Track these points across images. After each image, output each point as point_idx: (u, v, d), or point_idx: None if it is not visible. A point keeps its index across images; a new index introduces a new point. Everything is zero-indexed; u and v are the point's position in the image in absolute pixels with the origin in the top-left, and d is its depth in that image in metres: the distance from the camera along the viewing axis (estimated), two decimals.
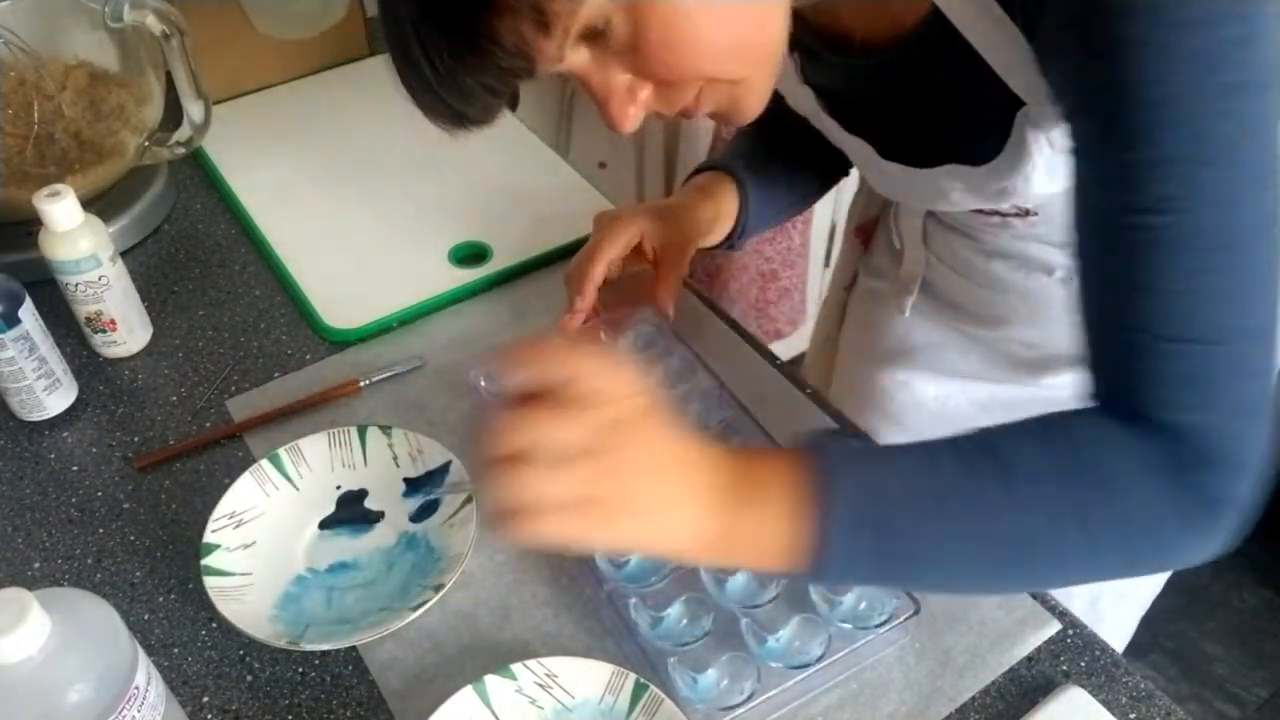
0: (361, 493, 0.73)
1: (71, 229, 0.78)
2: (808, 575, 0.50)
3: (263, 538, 0.69)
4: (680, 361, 0.79)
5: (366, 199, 1.01)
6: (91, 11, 0.86)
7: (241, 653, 0.66)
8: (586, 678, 0.61)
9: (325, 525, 0.72)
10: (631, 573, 0.66)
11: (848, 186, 0.97)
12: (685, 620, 0.64)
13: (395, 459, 0.74)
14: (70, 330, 0.86)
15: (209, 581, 0.65)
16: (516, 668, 0.61)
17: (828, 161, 0.82)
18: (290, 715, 0.63)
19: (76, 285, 0.80)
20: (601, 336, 0.80)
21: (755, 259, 1.69)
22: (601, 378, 0.46)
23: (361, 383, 0.82)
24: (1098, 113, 0.49)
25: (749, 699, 0.59)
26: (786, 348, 1.72)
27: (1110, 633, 0.88)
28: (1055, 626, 0.66)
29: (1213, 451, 0.49)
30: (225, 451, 0.78)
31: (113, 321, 0.83)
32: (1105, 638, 0.66)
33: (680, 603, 0.64)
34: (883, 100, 0.68)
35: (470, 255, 0.94)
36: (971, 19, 0.57)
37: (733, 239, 0.85)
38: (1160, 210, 0.47)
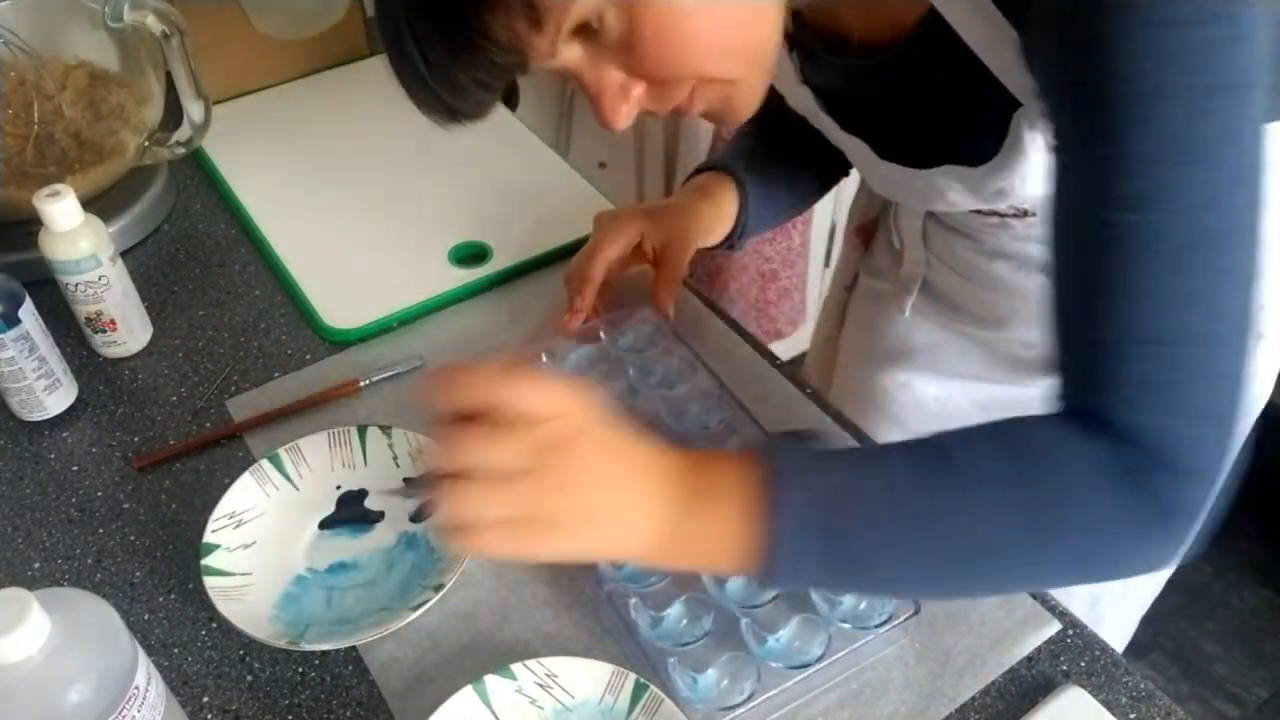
0: (361, 493, 0.73)
1: (71, 229, 0.78)
2: (758, 578, 0.51)
3: (263, 538, 0.69)
4: (680, 361, 0.79)
5: (366, 199, 1.01)
6: (91, 11, 0.86)
7: (241, 653, 0.66)
8: (586, 678, 0.61)
9: (325, 525, 0.72)
10: (631, 573, 0.66)
11: (848, 186, 0.97)
12: (685, 620, 0.64)
13: (395, 459, 0.74)
14: (70, 330, 0.86)
15: (209, 581, 0.65)
16: (516, 668, 0.61)
17: (828, 161, 0.82)
18: (290, 715, 0.63)
19: (76, 285, 0.80)
20: (601, 336, 0.80)
21: (755, 259, 1.69)
22: (530, 400, 0.47)
23: (361, 383, 0.82)
24: (1076, 108, 0.48)
25: (749, 699, 0.59)
26: (786, 348, 1.72)
27: (1110, 633, 0.88)
28: (1055, 626, 0.66)
29: (1169, 456, 0.48)
30: (225, 451, 0.78)
31: (113, 321, 0.83)
32: (1105, 638, 0.66)
33: (680, 603, 0.64)
34: (881, 100, 0.68)
35: (470, 255, 0.94)
36: (967, 19, 0.57)
37: (732, 239, 0.85)
38: (1131, 208, 0.46)
